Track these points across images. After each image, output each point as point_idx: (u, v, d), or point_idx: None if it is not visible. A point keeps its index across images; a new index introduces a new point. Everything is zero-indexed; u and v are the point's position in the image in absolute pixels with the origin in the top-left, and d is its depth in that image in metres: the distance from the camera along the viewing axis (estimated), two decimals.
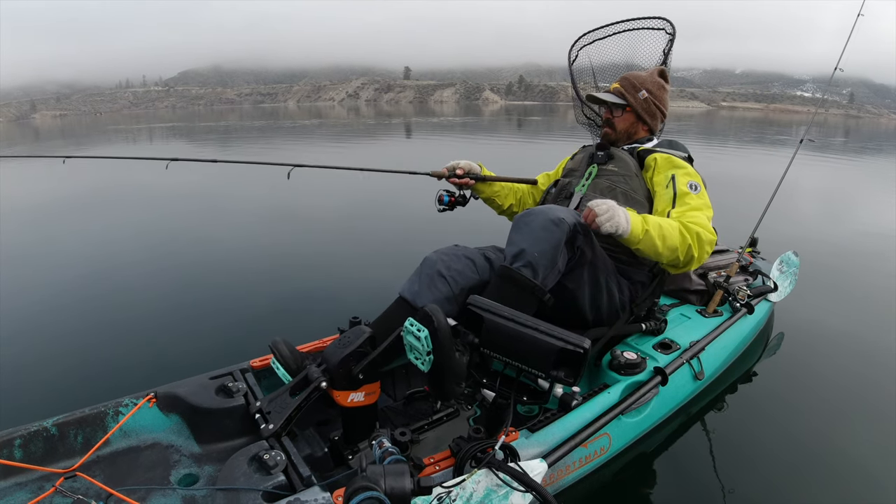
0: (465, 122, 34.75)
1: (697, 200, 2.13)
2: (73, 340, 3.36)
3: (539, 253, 1.83)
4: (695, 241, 1.98)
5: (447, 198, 2.60)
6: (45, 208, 6.71)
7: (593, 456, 2.05)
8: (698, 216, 2.06)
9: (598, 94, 2.51)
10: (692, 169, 2.29)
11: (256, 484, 1.49)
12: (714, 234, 2.04)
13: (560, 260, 1.88)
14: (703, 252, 2.01)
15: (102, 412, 1.83)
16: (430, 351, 1.58)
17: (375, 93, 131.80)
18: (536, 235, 1.86)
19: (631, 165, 2.35)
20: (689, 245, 1.98)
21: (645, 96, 2.41)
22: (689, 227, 2.00)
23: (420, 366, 1.63)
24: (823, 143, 18.41)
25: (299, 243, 5.60)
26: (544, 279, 1.84)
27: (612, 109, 2.47)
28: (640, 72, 2.51)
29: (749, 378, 2.98)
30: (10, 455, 1.66)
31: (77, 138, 25.94)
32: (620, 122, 2.46)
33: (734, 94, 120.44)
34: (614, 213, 1.86)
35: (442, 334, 1.58)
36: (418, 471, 1.59)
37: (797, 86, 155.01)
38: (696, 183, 2.20)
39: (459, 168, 2.63)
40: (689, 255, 2.00)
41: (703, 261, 2.05)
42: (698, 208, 2.11)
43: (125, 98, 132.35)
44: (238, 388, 1.95)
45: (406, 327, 1.65)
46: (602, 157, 2.42)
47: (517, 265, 1.84)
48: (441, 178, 2.65)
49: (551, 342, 1.45)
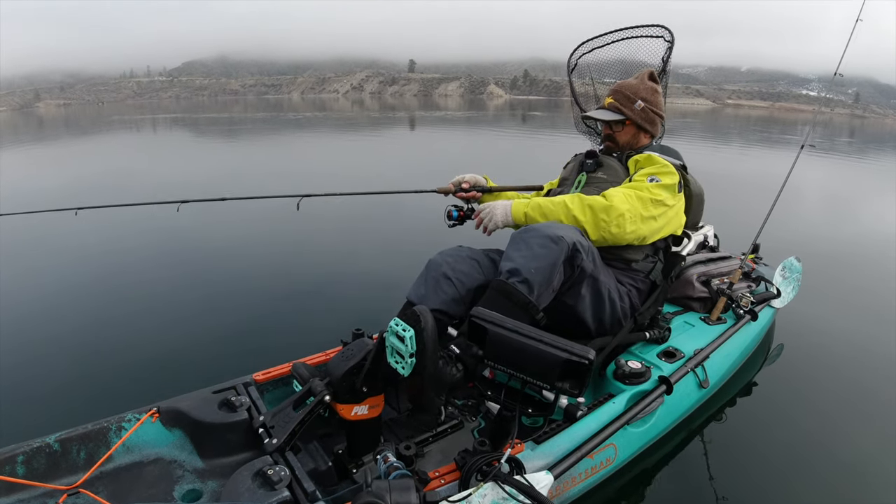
0: (469, 116, 34.75)
1: (647, 187, 2.11)
2: (76, 355, 3.34)
3: (535, 269, 1.81)
4: (585, 211, 2.03)
5: (456, 213, 2.59)
6: (46, 216, 6.65)
7: (599, 467, 2.04)
8: (610, 191, 2.09)
9: (593, 113, 2.48)
10: (671, 169, 2.20)
11: (260, 500, 1.48)
12: (612, 202, 2.03)
13: (556, 278, 1.85)
14: (599, 219, 2.02)
15: (105, 427, 1.82)
16: (413, 353, 1.56)
17: (380, 85, 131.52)
18: (534, 252, 1.84)
19: (620, 172, 2.34)
20: (573, 216, 2.02)
21: (641, 106, 2.39)
22: (579, 199, 2.05)
23: (400, 370, 1.60)
24: (828, 146, 18.32)
25: (301, 256, 5.58)
26: (539, 297, 1.82)
27: (610, 125, 2.45)
28: (630, 80, 2.48)
29: (753, 386, 2.97)
30: (12, 472, 1.65)
31: (81, 129, 26.00)
32: (622, 136, 2.45)
33: (739, 92, 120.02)
34: (491, 212, 2.18)
35: (428, 335, 1.56)
36: (424, 485, 1.58)
37: (803, 84, 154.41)
38: (656, 177, 2.15)
39: (465, 182, 2.67)
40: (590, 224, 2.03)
41: (621, 230, 2.04)
42: (638, 190, 2.10)
43: (129, 88, 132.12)
44: (241, 402, 1.94)
45: (391, 327, 1.62)
46: (591, 165, 2.41)
47: (513, 280, 1.82)
48: (448, 194, 2.69)
49: (556, 354, 1.44)
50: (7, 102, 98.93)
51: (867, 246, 5.97)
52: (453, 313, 2.02)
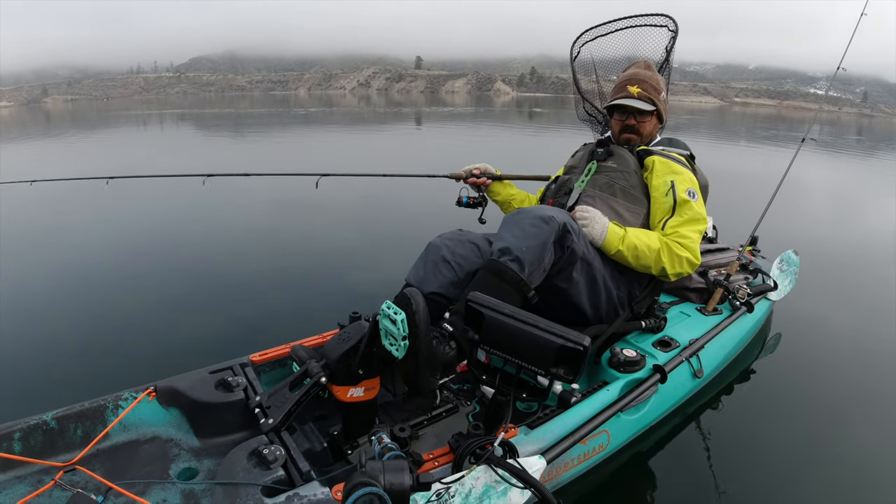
0: (476, 111, 34.73)
1: (695, 210, 2.21)
2: (74, 334, 3.36)
3: (526, 248, 1.82)
4: (675, 261, 2.13)
5: (466, 199, 2.87)
6: (49, 201, 6.75)
7: (592, 453, 2.06)
8: (692, 237, 2.17)
9: (626, 101, 2.40)
10: (689, 174, 2.30)
11: (256, 478, 1.49)
12: (698, 259, 2.17)
13: (546, 258, 1.87)
14: (679, 272, 2.16)
15: (102, 406, 1.84)
16: (405, 336, 1.56)
17: (387, 82, 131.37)
18: (525, 231, 1.86)
19: (630, 162, 2.35)
20: (663, 266, 2.12)
21: (664, 97, 2.43)
22: (673, 249, 2.12)
23: (394, 352, 1.60)
24: (832, 143, 18.26)
25: (299, 238, 5.59)
26: (530, 275, 1.83)
27: (635, 115, 2.43)
28: (644, 71, 2.46)
29: (747, 376, 2.98)
30: (9, 448, 1.66)
31: (87, 122, 26.09)
32: (646, 126, 2.45)
33: (747, 90, 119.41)
34: (592, 223, 2.07)
35: (419, 318, 1.56)
36: (417, 466, 1.59)
37: (810, 83, 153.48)
38: (693, 190, 2.24)
39: (476, 169, 2.83)
40: (663, 273, 2.16)
41: (693, 269, 2.18)
42: (694, 220, 2.19)
43: (136, 84, 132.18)
44: (238, 382, 1.95)
45: (382, 310, 1.62)
46: (601, 153, 2.42)
47: (504, 259, 1.83)
48: (459, 180, 2.87)
49: (551, 339, 1.44)
50: (15, 97, 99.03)
51: (865, 241, 5.98)
52: (452, 296, 2.03)
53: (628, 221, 2.25)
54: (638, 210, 2.28)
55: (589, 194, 2.32)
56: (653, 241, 2.12)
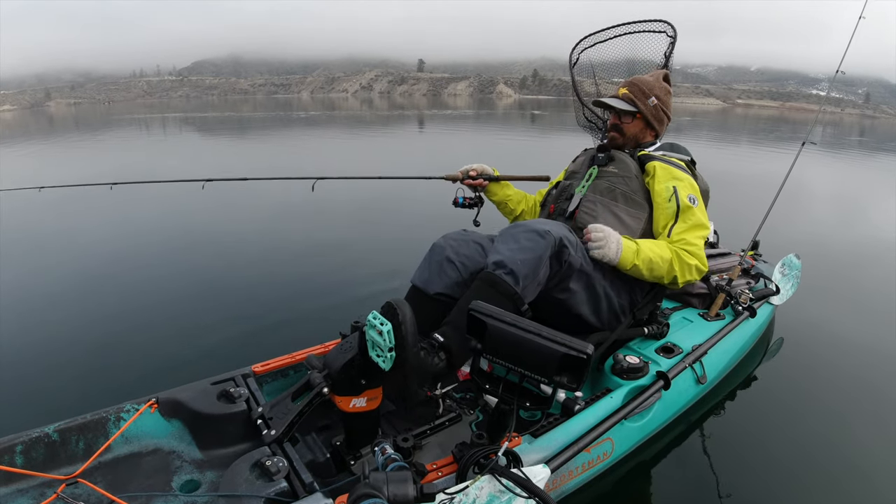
0: (478, 114, 34.78)
1: (698, 216, 2.22)
2: (76, 346, 3.35)
3: (521, 262, 1.83)
4: (685, 270, 2.15)
5: (462, 200, 2.83)
6: (48, 209, 6.73)
7: (596, 461, 2.05)
8: (698, 244, 2.18)
9: (607, 100, 2.45)
10: (690, 179, 2.30)
11: (258, 490, 1.49)
12: (706, 266, 2.20)
13: (542, 271, 1.87)
14: (688, 280, 2.18)
15: (104, 418, 1.83)
16: (392, 347, 1.55)
17: (389, 85, 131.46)
18: (521, 245, 1.87)
19: (631, 167, 2.35)
20: (675, 276, 2.14)
21: (654, 103, 2.39)
22: (683, 258, 2.13)
23: (381, 363, 1.59)
24: (835, 144, 18.23)
25: (300, 244, 5.58)
26: (524, 289, 1.83)
27: (620, 115, 2.44)
28: (646, 76, 2.48)
29: (751, 382, 2.97)
30: (11, 461, 1.66)
31: (90, 126, 26.16)
32: (630, 128, 2.44)
33: (749, 92, 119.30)
34: (607, 242, 2.03)
35: (406, 329, 1.56)
36: (421, 477, 1.58)
37: (813, 84, 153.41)
38: (693, 196, 2.25)
39: (473, 170, 2.79)
40: (673, 282, 2.18)
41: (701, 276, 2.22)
42: (698, 227, 2.20)
43: (139, 87, 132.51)
44: (240, 393, 1.95)
45: (369, 321, 1.61)
46: (602, 158, 2.41)
47: (499, 272, 1.83)
48: (456, 182, 2.83)
49: (554, 348, 1.44)
50: (18, 101, 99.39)
51: (868, 244, 5.96)
52: (457, 296, 2.02)
53: (630, 226, 2.25)
54: (639, 215, 2.28)
55: (590, 199, 2.32)
56: (664, 251, 2.12)
